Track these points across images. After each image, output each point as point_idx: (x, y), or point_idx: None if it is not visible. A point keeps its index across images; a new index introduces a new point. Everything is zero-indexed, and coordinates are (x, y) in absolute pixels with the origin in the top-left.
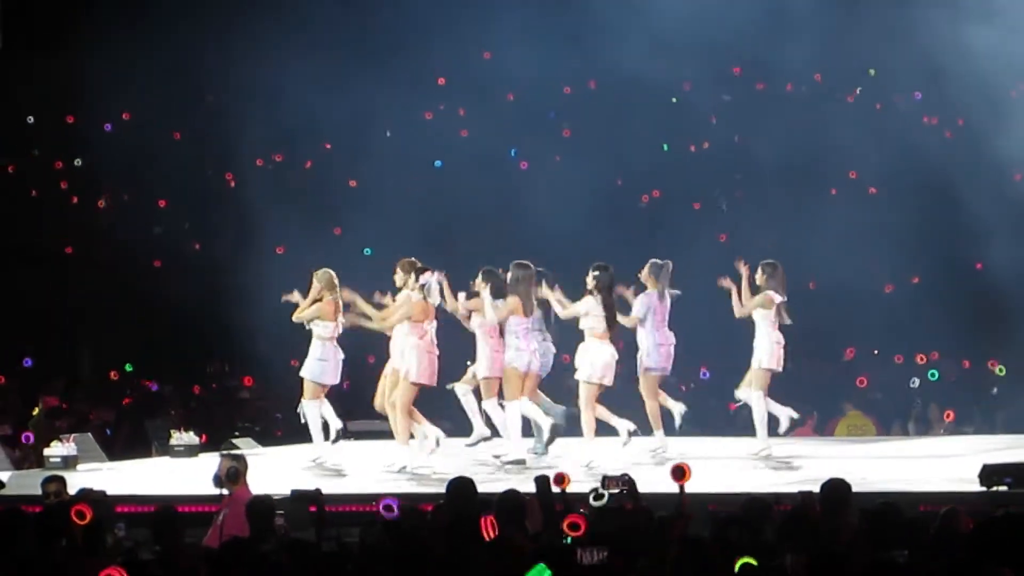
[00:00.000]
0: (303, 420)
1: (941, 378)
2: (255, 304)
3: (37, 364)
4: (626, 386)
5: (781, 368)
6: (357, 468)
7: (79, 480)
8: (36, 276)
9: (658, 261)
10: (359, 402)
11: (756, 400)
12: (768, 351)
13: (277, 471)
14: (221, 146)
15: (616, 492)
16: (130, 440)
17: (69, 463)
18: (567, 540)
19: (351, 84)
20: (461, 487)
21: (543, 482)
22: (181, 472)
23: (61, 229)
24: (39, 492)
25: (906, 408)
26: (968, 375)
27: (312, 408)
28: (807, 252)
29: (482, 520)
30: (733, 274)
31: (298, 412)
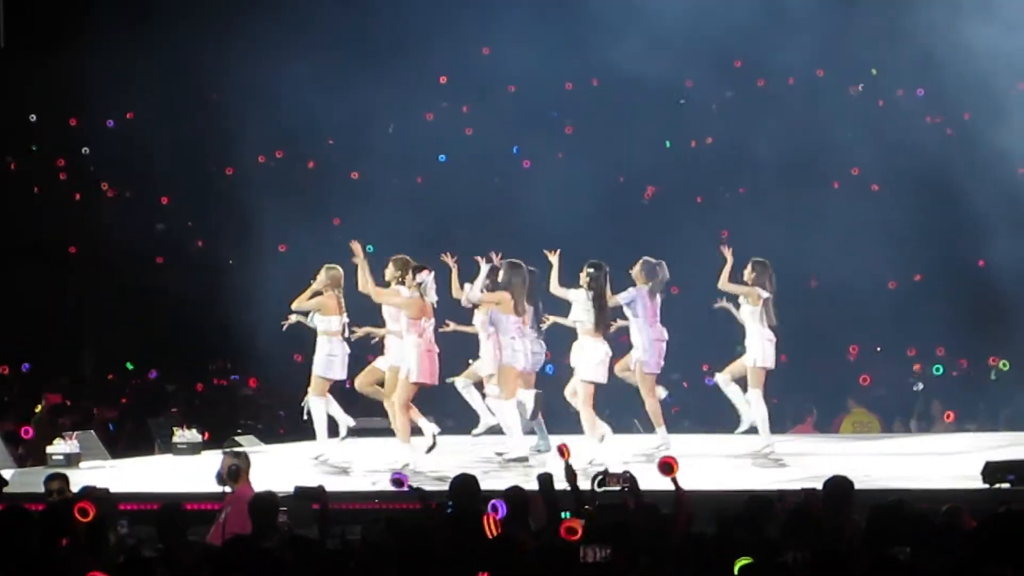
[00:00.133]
0: (306, 416)
1: (945, 373)
2: (257, 301)
3: (40, 361)
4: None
5: (774, 365)
6: (360, 465)
7: (82, 478)
8: (39, 273)
9: (651, 260)
10: (361, 399)
11: (755, 399)
12: (761, 349)
13: (280, 468)
14: (223, 144)
15: (618, 489)
16: (133, 438)
17: (72, 461)
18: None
19: (351, 83)
20: (464, 484)
21: (546, 479)
22: (184, 470)
23: (64, 226)
24: (42, 490)
25: (908, 405)
26: (971, 372)
27: (318, 404)
28: (809, 249)
29: (485, 517)
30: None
31: (302, 407)
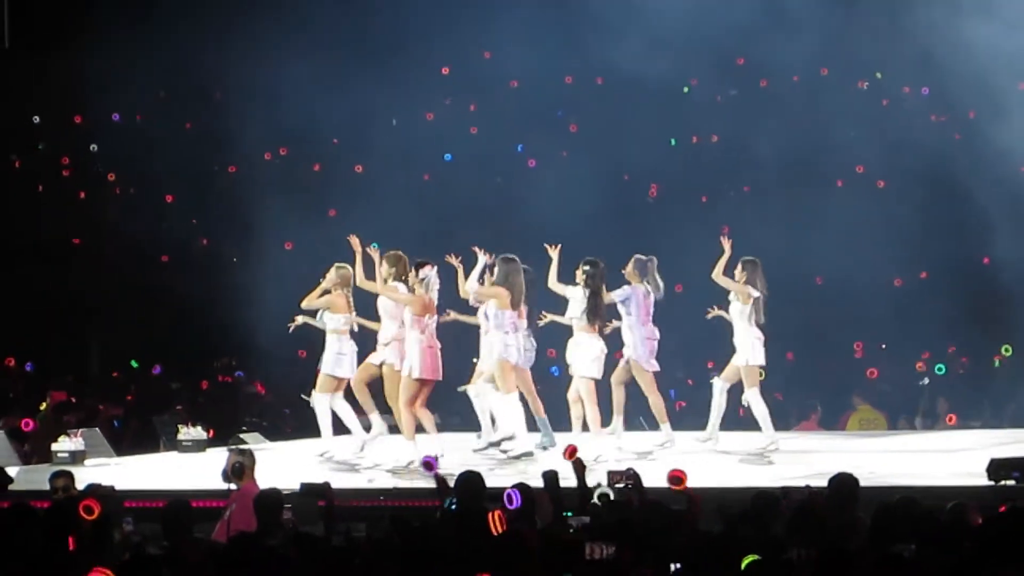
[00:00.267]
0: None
1: (948, 372)
2: (262, 299)
3: (45, 359)
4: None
5: (764, 362)
6: (365, 462)
7: (87, 475)
8: (44, 271)
9: (642, 257)
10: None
11: (754, 399)
12: (751, 347)
13: (285, 466)
14: (225, 142)
15: (622, 487)
16: (138, 435)
17: (77, 458)
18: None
19: (352, 82)
20: (469, 481)
21: (552, 477)
22: (189, 467)
23: (69, 224)
24: (47, 487)
25: (913, 402)
26: (976, 369)
27: (322, 401)
28: (814, 247)
29: (490, 514)
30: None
31: (307, 400)
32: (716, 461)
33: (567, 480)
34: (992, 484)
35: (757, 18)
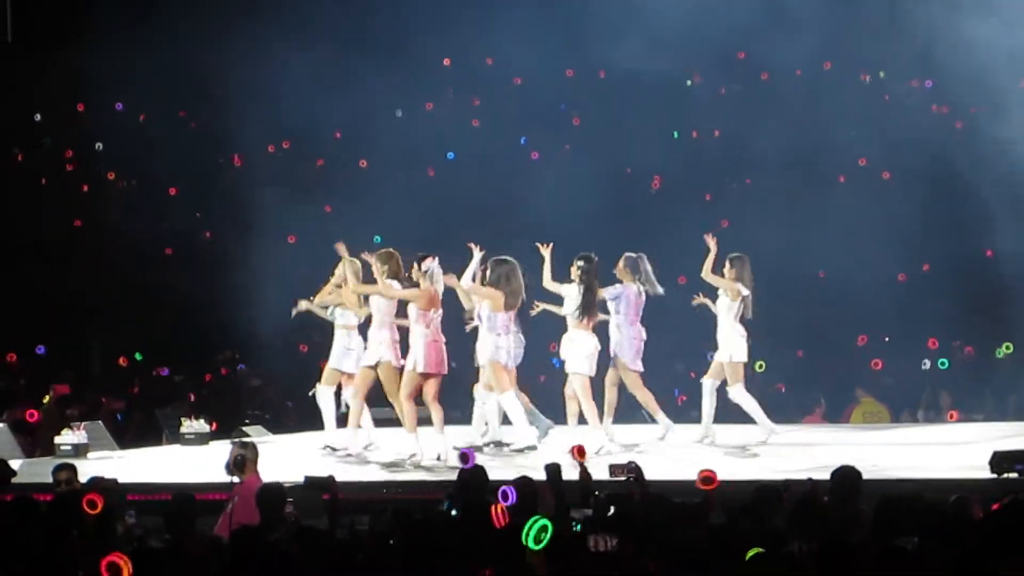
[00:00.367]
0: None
1: (950, 367)
2: (265, 293)
3: (48, 352)
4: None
5: (747, 359)
6: (368, 455)
7: (90, 468)
8: (47, 265)
9: (632, 255)
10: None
11: (739, 395)
12: (736, 344)
13: (288, 459)
14: (227, 138)
15: (623, 480)
16: (141, 428)
17: (80, 451)
18: (577, 527)
19: (353, 79)
20: (472, 475)
21: (554, 470)
22: (192, 460)
23: (71, 219)
24: (50, 480)
25: (916, 395)
26: (979, 362)
27: (326, 394)
28: (816, 241)
29: (492, 508)
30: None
31: (311, 395)
32: (717, 455)
33: (570, 474)
34: (995, 477)
35: (757, 17)
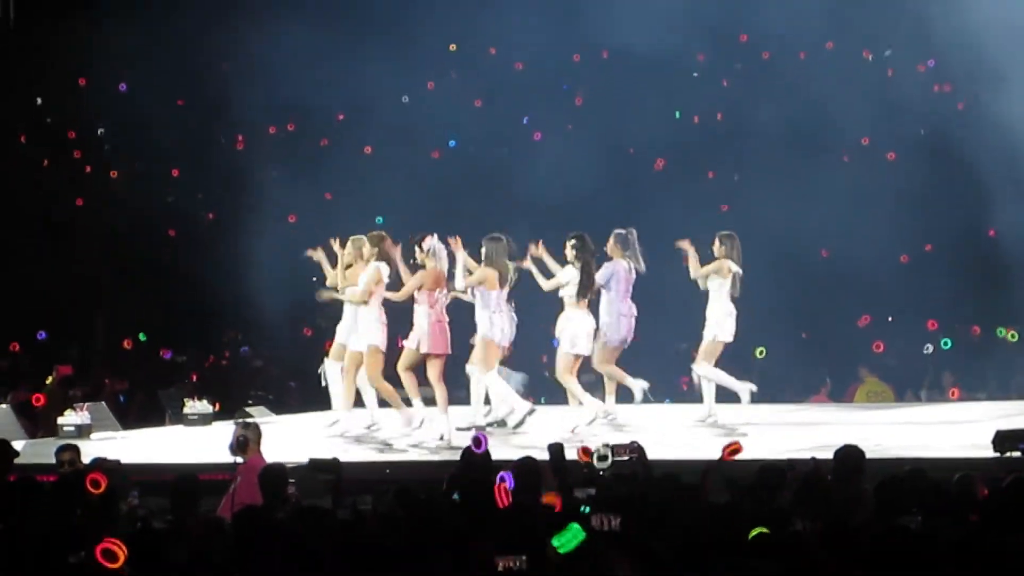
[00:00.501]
0: (323, 383)
1: (953, 346)
2: (267, 273)
3: (51, 334)
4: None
5: (732, 339)
6: (371, 435)
7: (93, 449)
8: (49, 245)
9: (622, 231)
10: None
11: (705, 369)
12: (720, 323)
13: (291, 439)
14: (230, 117)
15: (625, 459)
16: (144, 409)
17: (83, 432)
18: (585, 509)
19: (355, 60)
20: (475, 455)
21: (557, 449)
22: (195, 441)
23: (74, 199)
24: (53, 461)
25: (919, 375)
26: (981, 341)
27: (334, 368)
28: (819, 221)
29: (495, 487)
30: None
31: (319, 374)
32: (720, 434)
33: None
34: (998, 456)
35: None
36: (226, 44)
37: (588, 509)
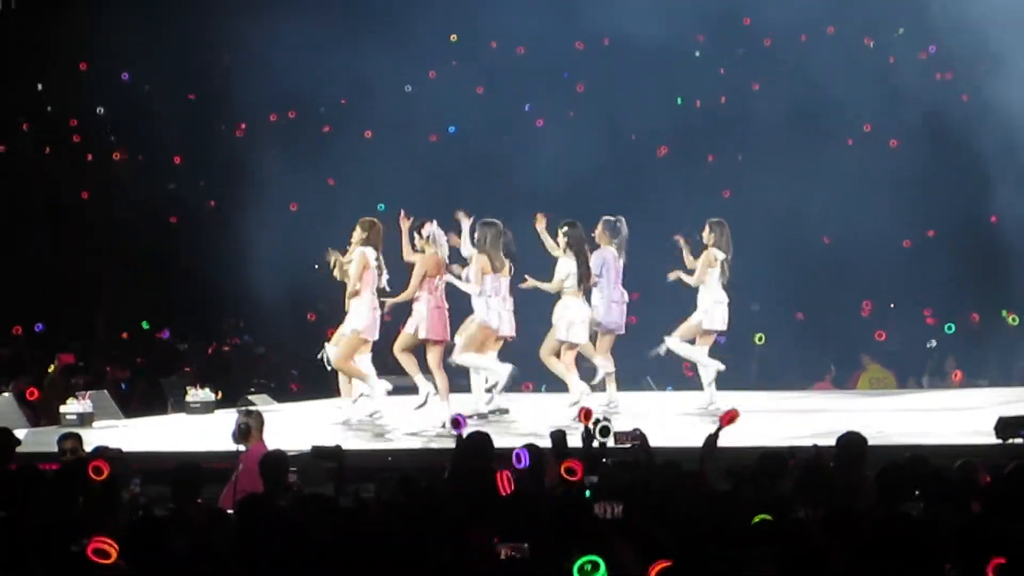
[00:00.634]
0: (329, 368)
1: (956, 331)
2: (269, 261)
3: (53, 322)
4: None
5: (726, 327)
6: (374, 423)
7: (95, 437)
8: (51, 234)
9: (610, 218)
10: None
11: (675, 343)
12: (708, 311)
13: (293, 427)
14: (231, 106)
15: (627, 447)
16: (146, 397)
17: (85, 420)
18: (588, 495)
19: (357, 49)
20: (476, 442)
21: (559, 436)
22: (197, 429)
23: (77, 187)
24: (55, 449)
25: (922, 361)
26: (984, 328)
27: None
28: (819, 206)
29: (498, 475)
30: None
31: (320, 358)
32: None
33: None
34: (1000, 442)
35: None
36: (227, 32)
37: (590, 493)
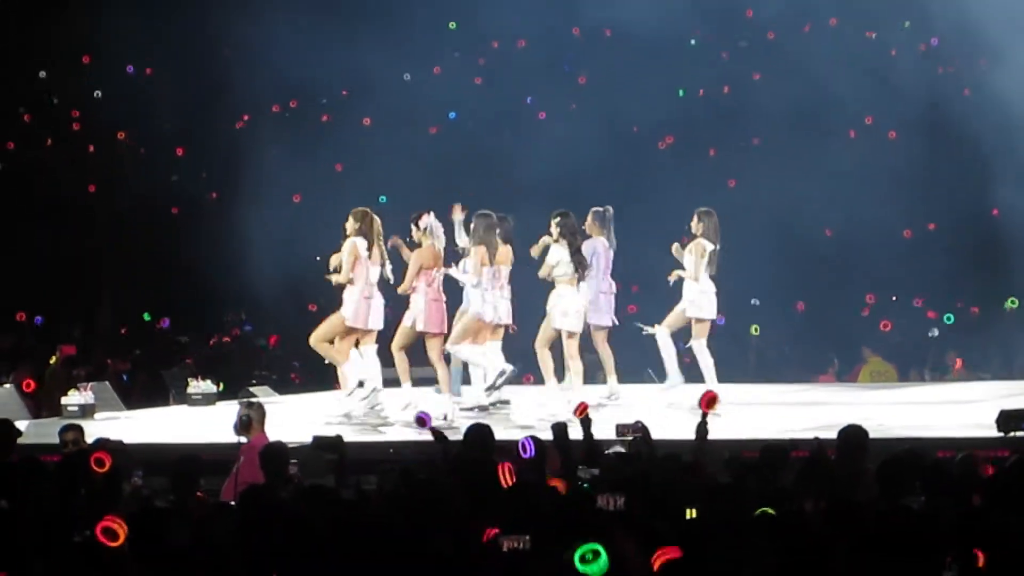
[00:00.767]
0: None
1: (956, 322)
2: (271, 252)
3: (55, 313)
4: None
5: (714, 316)
6: (374, 415)
7: (96, 429)
8: (53, 226)
9: (599, 208)
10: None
11: (699, 349)
12: (695, 301)
13: (295, 419)
14: (233, 98)
15: (629, 439)
16: (147, 389)
17: (87, 412)
18: (586, 486)
19: (357, 40)
20: (478, 435)
21: (561, 429)
22: (199, 420)
23: (78, 179)
24: (57, 441)
25: (923, 354)
26: (985, 320)
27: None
28: (821, 199)
29: (499, 466)
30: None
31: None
32: (724, 413)
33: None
34: (1001, 435)
35: None
36: (228, 23)
37: (588, 486)
